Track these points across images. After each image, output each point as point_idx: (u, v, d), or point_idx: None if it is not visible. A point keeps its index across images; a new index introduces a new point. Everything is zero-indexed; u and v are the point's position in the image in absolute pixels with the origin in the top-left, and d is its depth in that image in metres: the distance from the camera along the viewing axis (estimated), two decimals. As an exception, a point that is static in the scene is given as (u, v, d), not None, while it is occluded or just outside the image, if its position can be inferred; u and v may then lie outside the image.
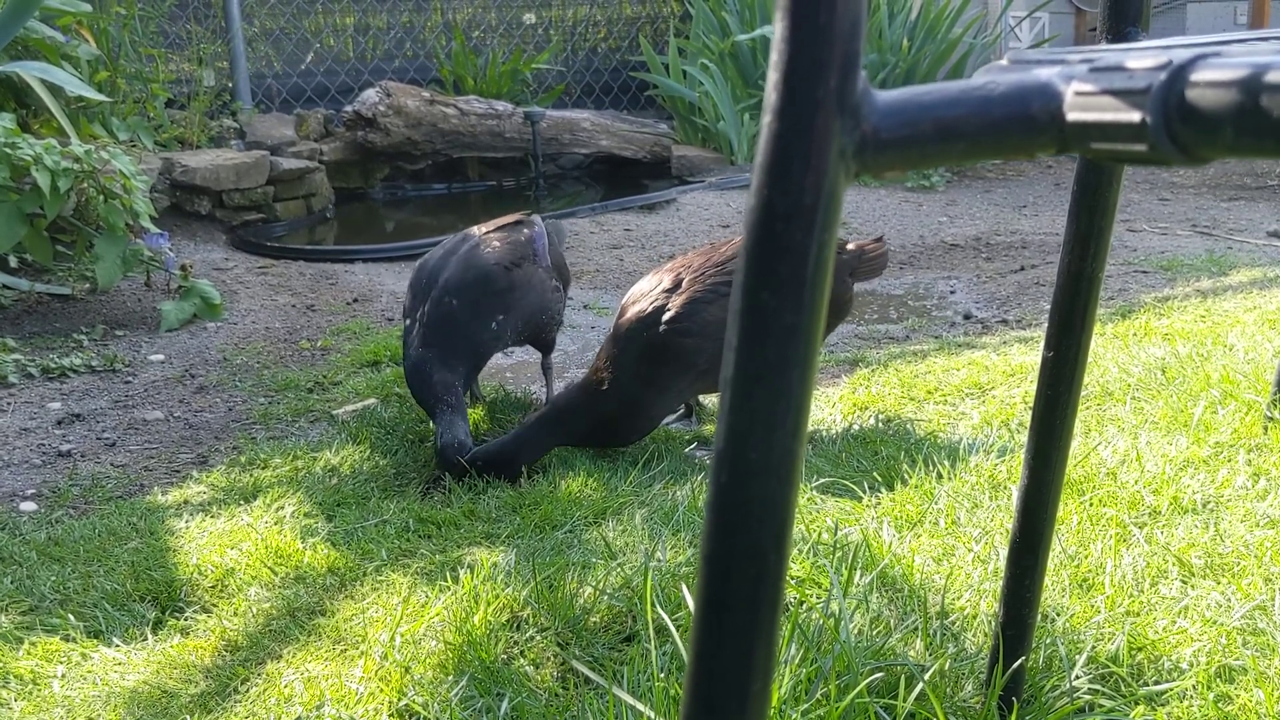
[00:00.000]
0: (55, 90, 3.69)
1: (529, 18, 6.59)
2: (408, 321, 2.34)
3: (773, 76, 0.49)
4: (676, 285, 2.23)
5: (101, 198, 3.19)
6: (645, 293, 2.25)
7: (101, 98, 3.92)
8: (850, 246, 2.44)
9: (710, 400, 2.62)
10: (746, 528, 0.52)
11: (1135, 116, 0.46)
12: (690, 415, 2.52)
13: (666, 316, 2.18)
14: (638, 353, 2.19)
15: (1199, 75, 0.44)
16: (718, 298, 2.20)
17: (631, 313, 2.23)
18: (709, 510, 0.53)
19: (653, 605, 1.32)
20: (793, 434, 0.51)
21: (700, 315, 2.18)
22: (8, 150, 3.05)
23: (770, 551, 0.52)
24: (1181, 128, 0.45)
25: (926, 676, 1.14)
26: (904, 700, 1.13)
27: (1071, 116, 0.48)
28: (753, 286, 0.50)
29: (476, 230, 2.53)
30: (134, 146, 4.38)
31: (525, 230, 2.54)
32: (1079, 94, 0.48)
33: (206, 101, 5.07)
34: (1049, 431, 1.12)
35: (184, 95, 5.19)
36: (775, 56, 0.48)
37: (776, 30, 0.48)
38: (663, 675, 1.11)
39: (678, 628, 1.37)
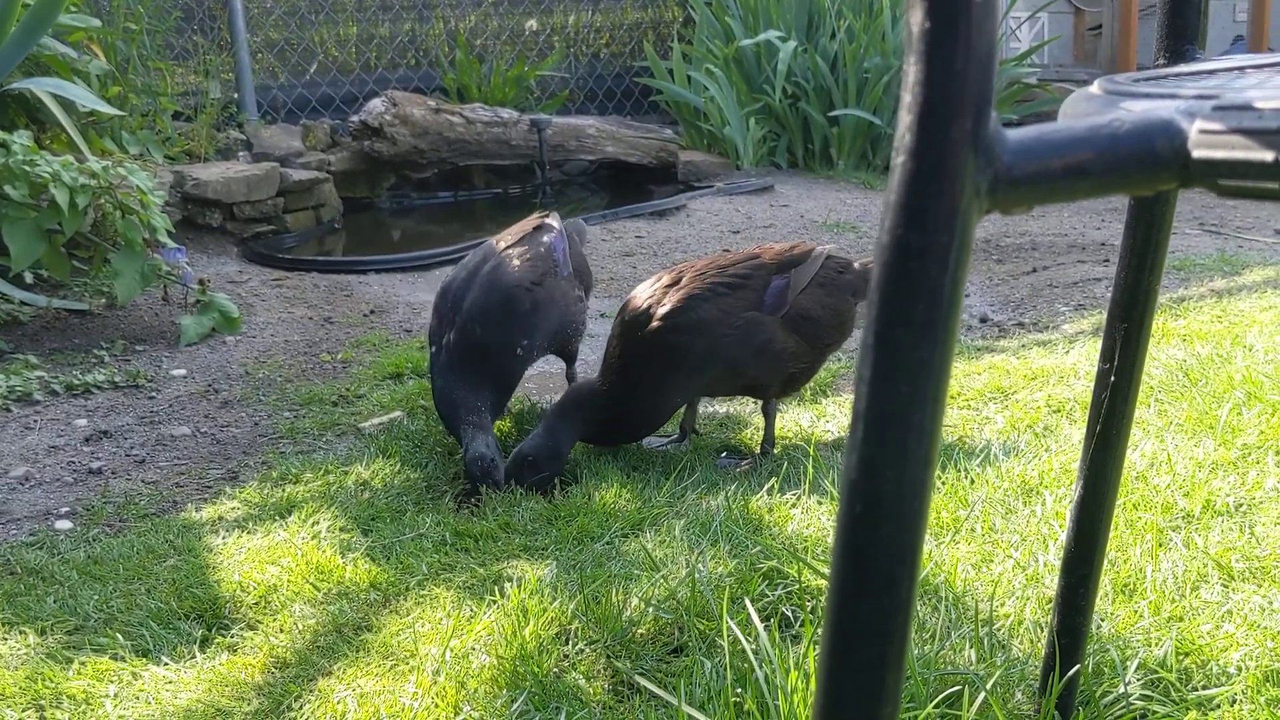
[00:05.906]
0: (68, 105, 3.70)
1: (532, 25, 6.61)
2: (433, 348, 2.32)
3: (906, 118, 0.50)
4: (675, 283, 2.22)
5: (119, 213, 3.20)
6: (643, 291, 2.26)
7: (114, 111, 3.93)
8: (856, 266, 2.34)
9: (723, 406, 2.63)
10: (879, 558, 0.53)
11: (1268, 156, 0.47)
12: (684, 439, 2.40)
13: (660, 312, 2.17)
14: (632, 348, 2.19)
15: (1335, 116, 0.45)
16: (715, 297, 2.17)
17: (628, 309, 2.24)
18: (839, 540, 0.54)
19: (725, 620, 1.33)
20: (924, 465, 0.52)
21: (692, 312, 2.16)
22: (26, 167, 3.06)
23: (902, 580, 0.53)
24: (1315, 166, 0.46)
25: (989, 685, 1.15)
26: (967, 711, 1.14)
27: (1198, 154, 0.50)
28: (887, 322, 0.51)
29: (496, 244, 2.50)
30: (145, 160, 4.38)
31: (544, 238, 2.49)
32: (1204, 132, 0.50)
33: (213, 114, 5.08)
34: (1104, 442, 1.14)
35: (190, 108, 5.20)
36: (909, 98, 0.50)
37: (910, 73, 0.49)
38: (738, 691, 1.12)
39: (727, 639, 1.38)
